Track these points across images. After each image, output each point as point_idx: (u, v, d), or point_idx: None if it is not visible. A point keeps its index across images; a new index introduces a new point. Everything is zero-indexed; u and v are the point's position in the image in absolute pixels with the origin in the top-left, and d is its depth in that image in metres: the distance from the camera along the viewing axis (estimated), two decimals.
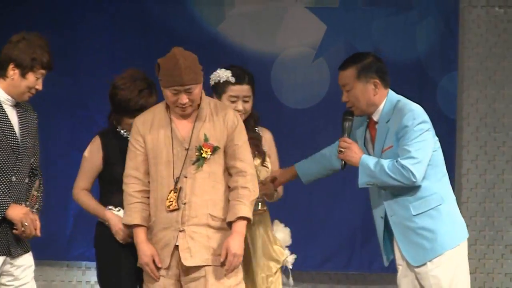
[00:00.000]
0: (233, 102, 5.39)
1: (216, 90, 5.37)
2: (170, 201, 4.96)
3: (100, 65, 7.31)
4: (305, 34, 7.28)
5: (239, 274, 5.01)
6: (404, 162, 4.69)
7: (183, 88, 4.96)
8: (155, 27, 7.34)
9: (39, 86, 5.01)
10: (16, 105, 5.04)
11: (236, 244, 4.91)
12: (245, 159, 5.07)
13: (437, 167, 4.92)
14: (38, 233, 5.08)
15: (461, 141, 7.69)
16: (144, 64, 5.84)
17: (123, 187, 5.08)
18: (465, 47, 7.58)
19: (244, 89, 5.30)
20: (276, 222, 5.54)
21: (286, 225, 5.62)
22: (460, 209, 5.38)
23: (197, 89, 5.02)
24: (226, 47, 7.12)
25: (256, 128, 5.48)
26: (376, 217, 5.02)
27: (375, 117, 4.94)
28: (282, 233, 5.53)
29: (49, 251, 7.19)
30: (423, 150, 4.81)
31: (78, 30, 7.51)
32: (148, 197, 5.07)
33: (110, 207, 5.29)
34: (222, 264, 5.07)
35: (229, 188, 5.08)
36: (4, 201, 4.92)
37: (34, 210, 5.12)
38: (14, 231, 5.00)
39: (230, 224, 5.09)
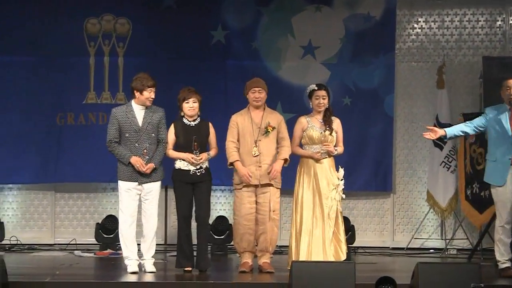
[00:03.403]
0: (317, 99, 7.09)
1: (309, 95, 7.20)
2: (254, 151, 6.96)
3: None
4: (320, 76, 9.56)
5: (279, 193, 6.99)
6: None
7: (258, 89, 7.05)
8: (243, 72, 9.41)
9: (152, 96, 6.84)
10: (146, 108, 6.86)
11: (278, 166, 6.97)
12: (286, 134, 7.07)
13: None
14: (147, 171, 6.96)
15: (396, 131, 10.16)
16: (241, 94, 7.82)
17: (226, 146, 7.05)
18: (397, 84, 10.14)
19: (322, 92, 7.18)
20: (340, 167, 7.23)
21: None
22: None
23: (263, 94, 6.99)
24: (283, 83, 9.52)
25: (332, 117, 7.15)
26: (506, 158, 7.40)
27: None
28: (341, 171, 7.20)
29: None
30: None
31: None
32: (239, 151, 7.04)
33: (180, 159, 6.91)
34: (269, 173, 6.97)
35: (277, 146, 6.97)
36: (129, 155, 6.86)
37: (144, 159, 6.87)
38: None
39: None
